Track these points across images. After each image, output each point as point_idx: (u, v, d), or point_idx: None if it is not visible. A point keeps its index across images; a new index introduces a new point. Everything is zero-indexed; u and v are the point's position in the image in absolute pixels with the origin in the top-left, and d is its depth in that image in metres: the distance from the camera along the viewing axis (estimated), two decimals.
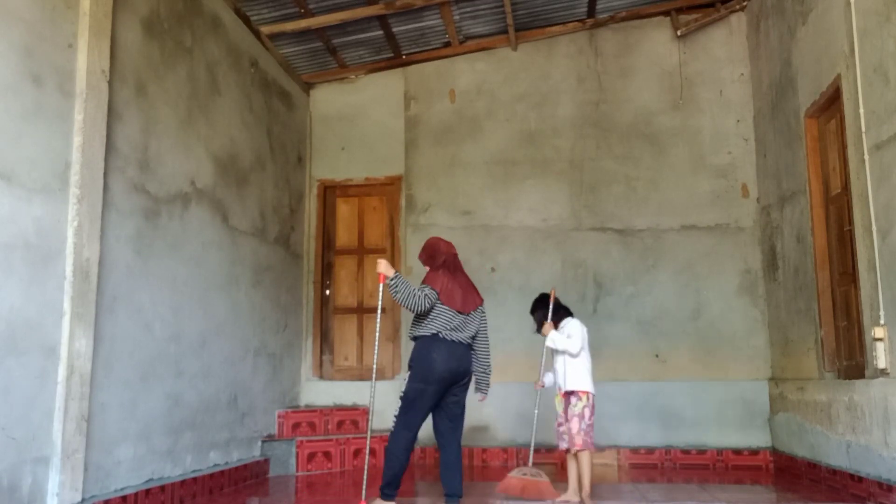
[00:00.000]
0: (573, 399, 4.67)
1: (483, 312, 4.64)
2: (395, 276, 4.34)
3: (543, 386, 4.93)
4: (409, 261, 7.33)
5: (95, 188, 4.05)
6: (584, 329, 4.79)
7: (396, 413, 4.37)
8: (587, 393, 4.67)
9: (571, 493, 4.66)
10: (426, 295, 4.34)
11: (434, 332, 4.36)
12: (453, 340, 4.40)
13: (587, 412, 4.64)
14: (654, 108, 7.27)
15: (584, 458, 4.62)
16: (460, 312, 4.44)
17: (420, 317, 4.45)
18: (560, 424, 4.73)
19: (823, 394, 5.33)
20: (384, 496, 4.34)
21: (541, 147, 7.35)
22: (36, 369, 3.62)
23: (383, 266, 4.37)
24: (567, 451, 4.70)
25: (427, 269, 4.64)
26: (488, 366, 4.62)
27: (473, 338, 4.54)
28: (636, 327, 6.96)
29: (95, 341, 4.02)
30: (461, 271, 4.63)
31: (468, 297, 4.51)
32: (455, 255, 4.66)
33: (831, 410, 5.16)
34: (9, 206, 3.49)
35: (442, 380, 4.33)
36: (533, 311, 5.00)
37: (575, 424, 4.62)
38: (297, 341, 7.28)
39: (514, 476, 4.78)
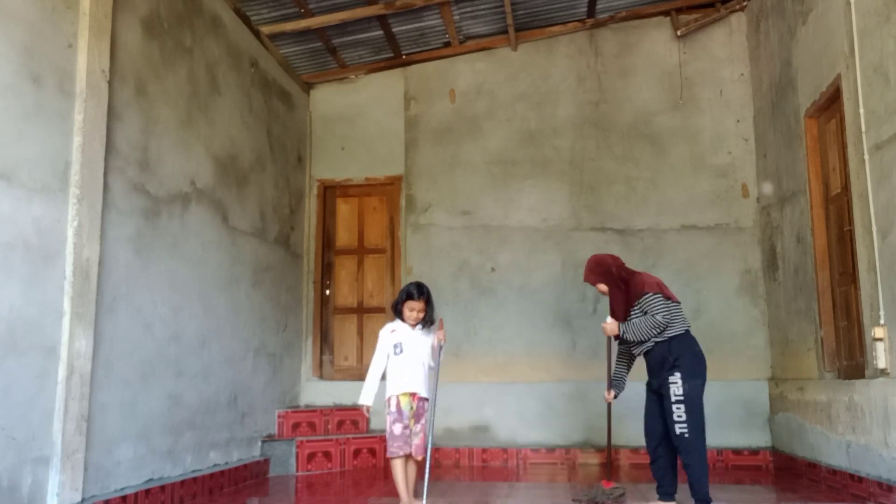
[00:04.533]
0: (427, 404, 4.35)
1: None
2: (623, 327, 4.42)
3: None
4: (409, 261, 7.33)
5: (95, 188, 4.05)
6: (383, 337, 4.43)
7: (684, 418, 4.15)
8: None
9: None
10: (657, 315, 4.26)
11: (686, 327, 4.35)
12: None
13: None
14: (654, 108, 7.27)
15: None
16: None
17: None
18: (406, 427, 4.27)
19: (823, 394, 5.33)
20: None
21: (541, 147, 7.34)
22: (36, 369, 3.62)
23: (609, 328, 4.50)
24: (409, 455, 4.27)
25: (603, 286, 4.64)
26: None
27: None
28: None
29: (95, 341, 4.02)
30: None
31: None
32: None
33: (831, 410, 5.16)
34: (9, 206, 3.49)
35: None
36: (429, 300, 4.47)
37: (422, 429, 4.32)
38: (297, 341, 7.28)
39: None
